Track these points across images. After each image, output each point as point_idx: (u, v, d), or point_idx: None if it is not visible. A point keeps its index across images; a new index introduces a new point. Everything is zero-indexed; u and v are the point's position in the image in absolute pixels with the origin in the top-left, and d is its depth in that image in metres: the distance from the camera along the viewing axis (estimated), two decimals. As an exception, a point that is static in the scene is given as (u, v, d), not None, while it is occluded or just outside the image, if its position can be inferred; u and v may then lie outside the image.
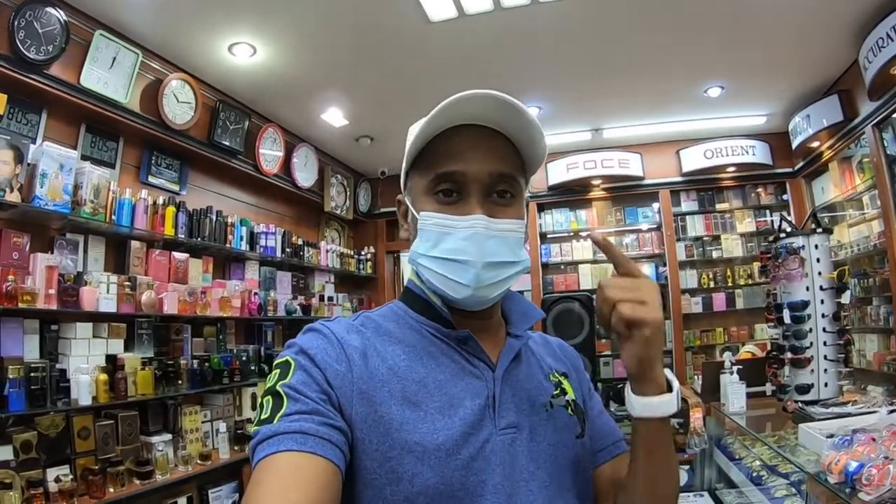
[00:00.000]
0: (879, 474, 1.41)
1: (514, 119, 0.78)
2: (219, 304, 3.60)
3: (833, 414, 2.10)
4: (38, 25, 2.72)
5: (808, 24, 3.42)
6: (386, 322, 0.83)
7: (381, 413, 0.71)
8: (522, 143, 0.81)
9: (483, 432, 0.74)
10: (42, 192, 2.65)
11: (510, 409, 0.78)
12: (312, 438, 0.64)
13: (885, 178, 3.74)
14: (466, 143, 0.78)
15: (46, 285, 2.64)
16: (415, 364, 0.77)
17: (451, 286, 0.77)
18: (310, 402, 0.67)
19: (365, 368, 0.74)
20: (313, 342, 0.75)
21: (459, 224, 0.77)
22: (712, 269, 5.52)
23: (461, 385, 0.77)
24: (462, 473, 0.71)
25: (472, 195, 0.78)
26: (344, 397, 0.71)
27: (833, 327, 2.34)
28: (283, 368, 0.72)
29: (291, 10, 3.07)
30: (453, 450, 0.71)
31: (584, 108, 4.72)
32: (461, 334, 0.80)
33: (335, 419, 0.68)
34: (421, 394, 0.74)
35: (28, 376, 2.51)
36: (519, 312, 0.89)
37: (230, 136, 3.90)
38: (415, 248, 0.81)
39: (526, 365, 0.86)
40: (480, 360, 0.80)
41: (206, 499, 3.31)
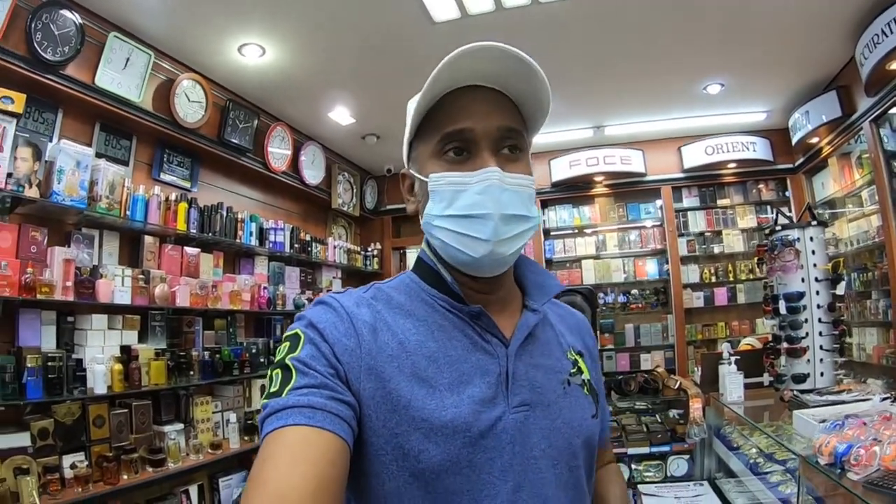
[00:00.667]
0: (867, 455, 1.48)
1: (518, 72, 0.76)
2: (229, 297, 3.68)
3: (827, 401, 2.16)
4: (55, 27, 2.78)
5: (805, 21, 3.46)
6: (398, 294, 0.82)
7: (390, 389, 0.71)
8: (526, 99, 0.80)
9: (495, 410, 0.73)
10: (59, 188, 2.73)
11: (524, 386, 0.77)
12: (321, 413, 0.64)
13: (882, 174, 3.79)
14: (471, 101, 0.77)
15: (64, 278, 2.71)
16: (425, 339, 0.76)
17: (469, 244, 0.76)
18: (318, 376, 0.68)
19: (374, 343, 0.73)
20: (322, 316, 0.75)
21: (473, 179, 0.76)
22: (714, 264, 5.58)
23: (472, 361, 0.76)
24: (469, 451, 0.70)
25: (482, 150, 0.77)
26: (352, 372, 0.71)
27: (828, 318, 2.41)
28: (293, 341, 0.72)
29: (299, 12, 3.13)
30: (461, 427, 0.70)
31: (585, 106, 4.77)
32: (473, 309, 0.78)
33: (343, 393, 0.68)
34: (431, 370, 0.73)
35: (45, 365, 2.57)
36: (537, 284, 0.88)
37: (240, 134, 3.97)
38: (428, 210, 0.79)
39: (543, 340, 0.84)
40: (493, 336, 0.78)
41: (216, 487, 3.38)
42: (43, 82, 2.78)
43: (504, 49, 0.73)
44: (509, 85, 0.78)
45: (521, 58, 0.74)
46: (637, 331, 5.57)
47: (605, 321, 5.51)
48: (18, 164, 2.61)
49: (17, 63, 2.65)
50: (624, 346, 5.54)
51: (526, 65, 0.75)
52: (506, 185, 0.75)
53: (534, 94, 0.79)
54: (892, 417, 1.70)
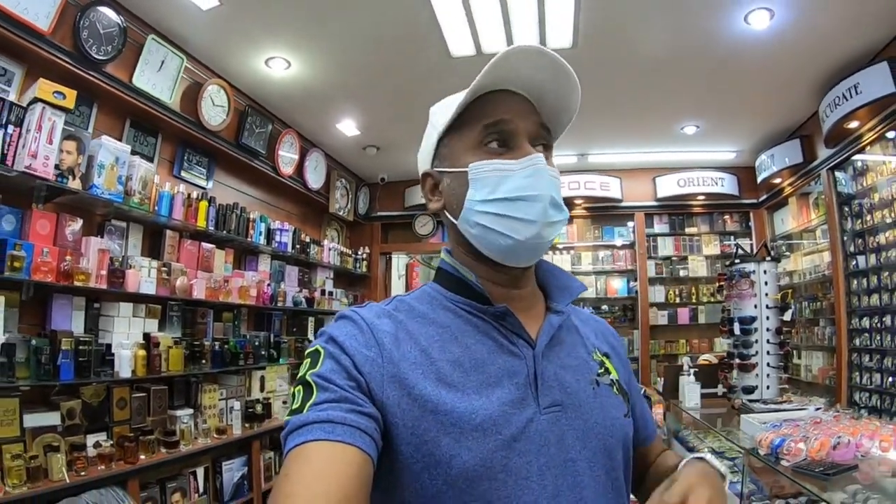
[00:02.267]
0: (796, 447, 1.87)
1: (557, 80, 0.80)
2: (238, 292, 3.92)
3: (771, 409, 2.56)
4: (100, 26, 2.92)
5: (777, 78, 3.90)
6: (420, 304, 0.82)
7: (415, 395, 0.70)
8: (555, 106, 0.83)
9: (526, 412, 0.72)
10: (99, 182, 2.90)
11: (553, 387, 0.75)
12: (340, 426, 0.63)
13: (834, 216, 4.26)
14: (510, 100, 0.80)
15: (98, 266, 2.88)
16: (449, 344, 0.75)
17: (514, 226, 0.76)
18: (338, 391, 0.67)
19: (396, 352, 0.73)
20: (343, 329, 0.75)
21: (519, 165, 0.77)
22: (679, 286, 6.06)
23: (499, 363, 0.74)
24: (504, 454, 0.68)
25: (523, 142, 0.79)
26: (374, 382, 0.70)
27: (776, 339, 2.82)
28: (314, 358, 0.72)
29: (329, 33, 3.41)
30: (492, 430, 0.69)
31: (572, 135, 5.03)
32: (498, 309, 0.77)
33: (365, 405, 0.67)
34: (456, 374, 0.72)
35: (77, 349, 2.69)
36: (559, 286, 0.88)
37: (255, 138, 4.23)
38: (470, 197, 0.79)
39: (569, 342, 0.84)
40: (519, 337, 0.77)
41: (219, 470, 3.59)
42: (85, 78, 2.92)
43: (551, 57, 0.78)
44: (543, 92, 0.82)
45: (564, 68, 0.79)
46: (605, 343, 5.97)
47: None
48: (64, 157, 2.73)
49: (63, 58, 2.78)
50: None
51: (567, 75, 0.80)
52: (551, 173, 0.79)
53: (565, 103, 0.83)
54: (821, 422, 2.11)
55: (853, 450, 1.86)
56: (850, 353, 4.00)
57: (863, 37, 3.36)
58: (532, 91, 0.81)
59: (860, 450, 1.87)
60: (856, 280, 4.02)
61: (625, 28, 3.30)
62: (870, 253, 3.83)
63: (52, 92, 2.63)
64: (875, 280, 3.74)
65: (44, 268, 2.64)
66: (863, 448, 1.88)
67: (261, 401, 4.05)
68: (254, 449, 3.85)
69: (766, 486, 2.12)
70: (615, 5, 3.08)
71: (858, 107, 3.52)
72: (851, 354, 3.99)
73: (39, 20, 2.63)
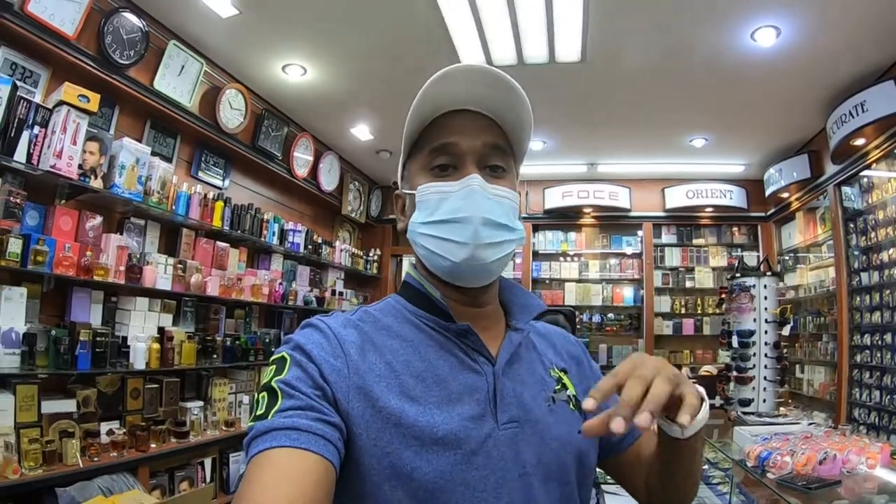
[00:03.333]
0: (782, 461, 1.93)
1: (499, 93, 0.79)
2: (251, 290, 4.03)
3: (765, 422, 2.61)
4: (123, 31, 3.03)
5: (785, 94, 3.95)
6: (384, 316, 0.82)
7: (379, 407, 0.70)
8: (509, 120, 0.82)
9: (485, 427, 0.73)
10: (120, 181, 3.00)
11: (511, 403, 0.77)
12: (305, 434, 0.63)
13: (840, 232, 4.28)
14: (459, 121, 0.80)
15: (117, 262, 3.00)
16: (413, 359, 0.76)
17: (449, 248, 0.77)
18: (304, 398, 0.67)
19: (362, 363, 0.73)
20: (309, 337, 0.75)
21: (456, 186, 0.78)
22: (685, 297, 6.09)
23: (460, 379, 0.76)
24: (462, 468, 0.70)
25: (467, 164, 0.79)
26: (340, 392, 0.70)
27: (773, 353, 2.86)
28: (279, 364, 0.71)
29: (344, 43, 3.52)
30: (453, 444, 0.70)
31: (582, 146, 5.25)
32: (461, 327, 0.78)
33: (330, 415, 0.67)
34: (419, 389, 0.73)
35: (94, 340, 2.80)
36: (520, 304, 0.89)
37: (271, 141, 4.34)
38: (413, 219, 0.81)
39: (527, 359, 0.85)
40: (480, 354, 0.79)
41: (226, 461, 3.70)
42: (108, 81, 3.02)
43: (486, 71, 0.77)
44: (493, 107, 0.81)
45: (503, 79, 0.78)
46: (610, 351, 6.04)
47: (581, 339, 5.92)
48: (87, 157, 2.85)
49: (88, 62, 2.89)
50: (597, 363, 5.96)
51: (509, 86, 0.79)
52: (488, 194, 0.78)
53: (517, 115, 0.82)
54: (811, 437, 2.16)
55: (839, 465, 1.91)
56: (850, 369, 4.01)
57: (869, 56, 3.39)
58: (483, 106, 0.81)
59: (846, 465, 1.92)
60: (859, 296, 4.04)
61: (632, 43, 3.37)
62: (874, 270, 3.85)
63: (77, 95, 2.74)
64: (878, 297, 3.76)
65: (65, 262, 2.73)
66: (849, 464, 1.92)
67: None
68: (261, 443, 3.92)
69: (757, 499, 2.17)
70: (623, 21, 3.14)
71: (865, 124, 3.55)
72: (852, 371, 4.00)
73: (65, 25, 2.74)
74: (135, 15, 3.10)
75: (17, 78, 2.67)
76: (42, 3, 2.63)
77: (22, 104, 2.55)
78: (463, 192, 0.77)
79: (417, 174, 0.82)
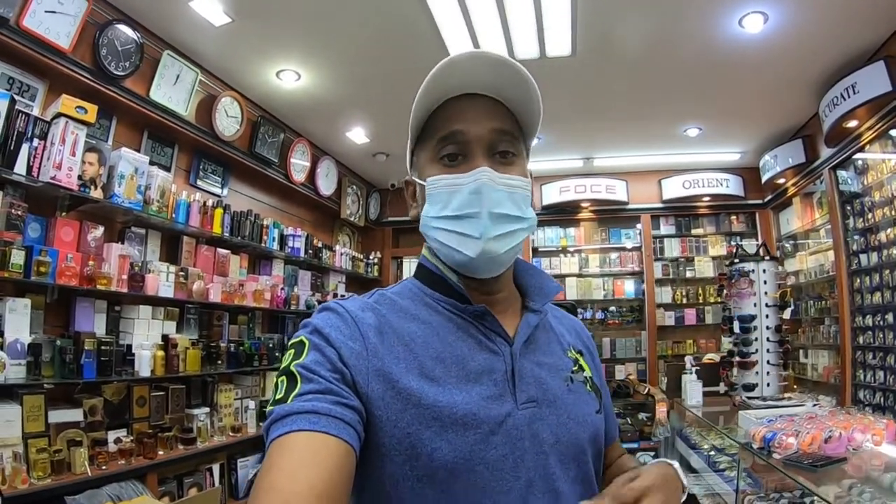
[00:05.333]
0: (787, 441, 1.94)
1: (507, 77, 0.78)
2: (253, 296, 4.04)
3: (769, 405, 2.62)
4: (118, 43, 3.05)
5: (777, 79, 3.95)
6: (401, 299, 0.82)
7: (399, 389, 0.71)
8: (518, 103, 0.82)
9: (504, 407, 0.74)
10: (120, 191, 3.02)
11: (530, 383, 0.77)
12: (325, 418, 0.63)
13: (837, 215, 4.29)
14: (466, 107, 0.80)
15: (119, 271, 3.02)
16: (431, 340, 0.76)
17: (462, 242, 0.78)
18: (323, 382, 0.67)
19: (381, 345, 0.74)
20: (327, 321, 0.75)
21: (466, 179, 0.77)
22: (686, 287, 6.09)
23: (479, 360, 0.76)
24: (482, 447, 0.70)
25: (476, 153, 0.78)
26: (359, 375, 0.70)
27: (775, 337, 2.87)
28: (298, 348, 0.72)
29: (337, 47, 3.54)
30: (472, 424, 0.70)
31: (578, 140, 5.27)
32: (478, 309, 0.79)
33: (349, 398, 0.67)
34: (438, 369, 0.73)
35: (99, 349, 2.81)
36: (536, 287, 0.89)
37: (268, 147, 4.36)
38: (425, 213, 0.81)
39: (545, 340, 0.86)
40: (498, 335, 0.79)
41: (234, 467, 3.71)
42: (104, 92, 3.05)
43: (492, 56, 0.77)
44: (503, 91, 0.81)
45: (510, 63, 0.77)
46: (613, 344, 6.04)
47: (585, 334, 5.93)
48: (86, 168, 2.86)
49: (84, 74, 2.91)
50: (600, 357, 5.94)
51: (515, 70, 0.78)
52: (497, 185, 0.77)
53: (526, 99, 0.81)
54: (815, 417, 2.17)
55: (844, 443, 1.92)
56: (854, 351, 4.02)
57: (858, 37, 3.40)
58: (489, 89, 0.81)
59: (852, 443, 1.92)
60: (859, 278, 4.05)
61: (621, 35, 3.38)
62: (872, 251, 3.86)
63: (74, 107, 2.76)
64: (878, 278, 3.77)
65: (68, 272, 2.75)
66: (855, 442, 1.93)
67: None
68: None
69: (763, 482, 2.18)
70: (611, 13, 3.16)
71: (857, 106, 3.56)
72: (856, 352, 4.01)
73: (61, 39, 2.76)
74: (129, 26, 3.13)
75: (15, 92, 2.68)
76: (37, 18, 2.65)
77: (20, 117, 2.56)
78: (473, 186, 0.77)
79: (427, 164, 0.82)
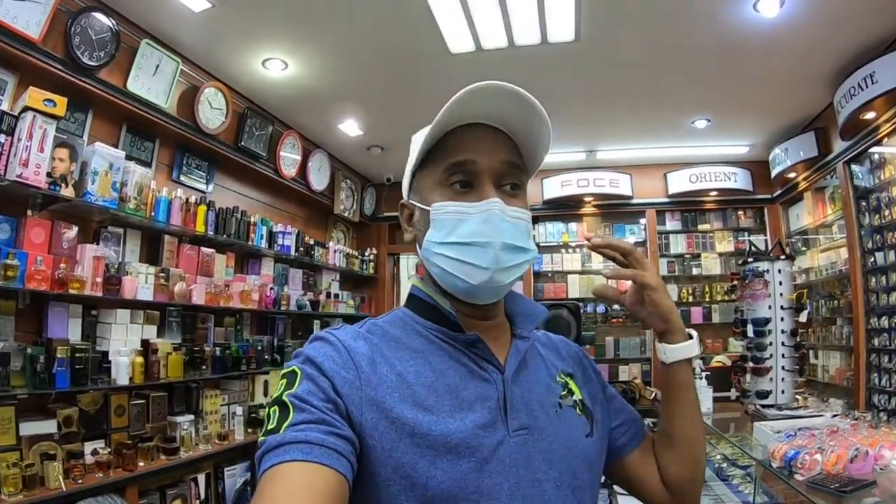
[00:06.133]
0: (811, 460, 1.76)
1: (524, 113, 0.79)
2: (240, 296, 3.88)
3: (785, 415, 2.45)
4: (92, 32, 2.88)
5: (790, 69, 3.77)
6: (393, 328, 0.83)
7: (393, 418, 0.71)
8: (528, 139, 0.83)
9: (496, 434, 0.74)
10: (93, 189, 2.86)
11: (521, 410, 0.78)
12: (318, 448, 0.63)
13: (851, 210, 4.11)
14: (477, 136, 0.80)
15: (93, 274, 2.85)
16: (423, 369, 0.77)
17: (469, 271, 0.77)
18: (316, 412, 0.67)
19: (373, 375, 0.74)
20: (320, 350, 0.75)
21: (476, 209, 0.78)
22: (692, 284, 5.91)
23: (471, 388, 0.77)
24: (476, 476, 0.70)
25: (485, 183, 0.79)
26: (353, 404, 0.70)
27: (791, 342, 2.69)
28: (290, 378, 0.72)
29: (325, 34, 3.36)
30: (466, 452, 0.71)
31: (580, 132, 5.07)
32: (470, 338, 0.79)
33: (342, 428, 0.67)
34: (431, 399, 0.74)
35: (73, 356, 2.68)
36: (523, 313, 0.90)
37: (255, 141, 4.18)
38: (429, 238, 0.81)
39: (533, 366, 0.86)
40: (489, 363, 0.80)
41: (221, 476, 3.57)
42: (78, 84, 2.89)
43: (514, 91, 0.76)
44: (513, 125, 0.81)
45: (529, 101, 0.77)
46: (617, 344, 5.87)
47: (587, 333, 5.77)
48: (56, 164, 2.71)
49: (55, 65, 2.75)
50: (604, 357, 5.82)
51: (532, 107, 0.78)
52: (507, 217, 0.78)
53: (536, 136, 0.82)
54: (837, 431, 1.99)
55: (871, 462, 1.76)
56: (868, 353, 3.86)
57: (878, 24, 3.21)
58: (503, 123, 0.81)
59: (879, 462, 1.76)
60: (874, 277, 3.87)
61: (628, 19, 3.19)
62: (888, 249, 3.68)
63: (42, 100, 2.61)
64: (895, 278, 3.59)
65: (38, 276, 2.61)
66: (882, 460, 1.77)
67: (264, 406, 4.00)
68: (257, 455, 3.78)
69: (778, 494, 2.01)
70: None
71: (875, 97, 3.37)
72: (870, 355, 3.84)
73: (30, 28, 2.61)
74: (103, 14, 2.96)
75: (-19, 85, 2.53)
76: (4, 6, 2.50)
77: (-14, 113, 2.40)
78: (483, 216, 0.77)
79: (432, 189, 0.82)
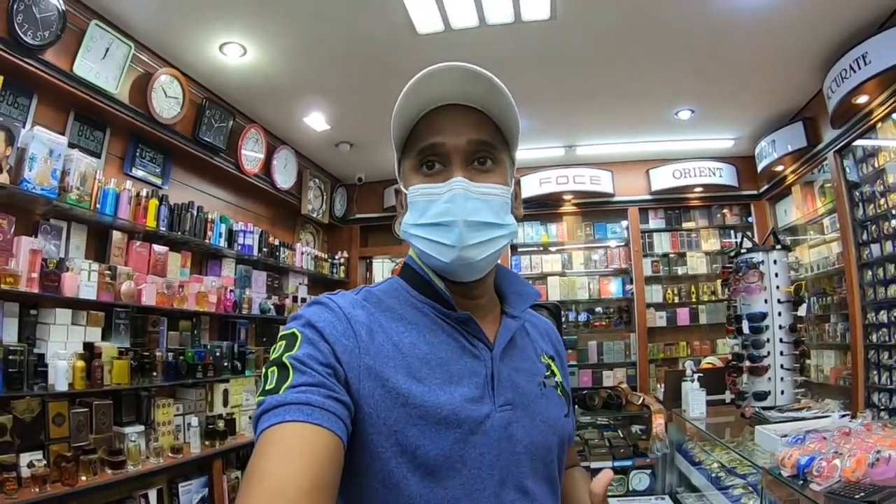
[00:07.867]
0: (829, 466, 1.54)
1: (482, 89, 0.80)
2: (195, 298, 3.61)
3: (788, 418, 2.24)
4: (37, 10, 2.70)
5: (775, 54, 3.62)
6: (388, 298, 0.85)
7: (389, 387, 0.73)
8: (497, 113, 0.83)
9: (483, 408, 0.77)
10: (31, 176, 2.63)
11: (507, 387, 0.81)
12: (318, 410, 0.65)
13: (844, 203, 3.95)
14: (444, 119, 0.81)
15: (29, 268, 2.63)
16: (418, 341, 0.79)
17: (439, 249, 0.80)
18: (316, 375, 0.68)
19: (371, 344, 0.76)
20: (321, 316, 0.76)
21: (442, 189, 0.80)
22: (677, 284, 5.72)
23: (461, 363, 0.79)
24: (462, 446, 0.74)
25: (453, 164, 0.81)
26: (351, 372, 0.72)
27: (789, 338, 2.49)
28: (289, 340, 0.73)
29: (285, 15, 3.14)
30: (454, 423, 0.74)
31: (558, 125, 4.87)
32: (462, 316, 0.82)
33: (340, 393, 0.69)
34: (424, 370, 0.76)
35: (6, 359, 2.49)
36: (515, 293, 0.92)
37: (214, 133, 3.93)
38: (405, 220, 0.84)
39: (521, 345, 0.90)
40: (479, 341, 0.82)
41: (175, 492, 3.28)
42: (21, 66, 2.70)
43: (468, 70, 0.77)
44: (483, 102, 0.82)
45: (484, 76, 0.78)
46: (600, 347, 5.66)
47: (568, 338, 5.54)
48: (-11, 149, 2.50)
49: (-6, 43, 2.55)
50: (587, 362, 5.62)
51: (489, 81, 0.79)
52: (472, 195, 0.79)
53: (504, 108, 0.82)
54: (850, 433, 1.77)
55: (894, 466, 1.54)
56: (866, 350, 3.68)
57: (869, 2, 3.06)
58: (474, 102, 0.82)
59: (902, 464, 1.55)
60: (870, 270, 3.71)
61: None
62: (885, 240, 3.51)
63: (-28, 80, 2.36)
64: (892, 269, 3.43)
65: (-34, 269, 2.38)
66: (905, 462, 1.56)
67: (224, 416, 3.72)
68: (215, 469, 3.53)
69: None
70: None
71: (867, 78, 3.21)
72: (868, 352, 3.67)
73: (-34, 5, 2.39)
74: (50, -8, 2.73)
75: None
76: (-61, -19, 2.26)
77: None
78: (448, 196, 0.79)
79: (409, 174, 0.84)
